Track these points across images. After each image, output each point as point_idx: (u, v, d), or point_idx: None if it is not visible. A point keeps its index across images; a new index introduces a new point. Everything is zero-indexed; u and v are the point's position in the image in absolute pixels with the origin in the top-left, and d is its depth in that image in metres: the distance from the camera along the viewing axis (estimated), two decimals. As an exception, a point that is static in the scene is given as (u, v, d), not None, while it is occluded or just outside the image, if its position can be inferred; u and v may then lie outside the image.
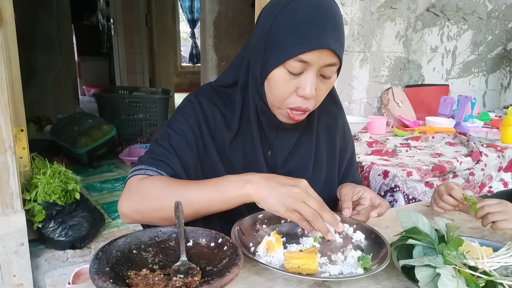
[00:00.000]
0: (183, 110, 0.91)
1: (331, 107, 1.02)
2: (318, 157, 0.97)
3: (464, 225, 0.96)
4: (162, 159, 0.86)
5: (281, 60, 0.77)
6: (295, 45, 0.76)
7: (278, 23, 0.79)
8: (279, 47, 0.78)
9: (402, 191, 1.55)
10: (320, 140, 0.98)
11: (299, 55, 0.75)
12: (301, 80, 0.79)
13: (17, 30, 1.76)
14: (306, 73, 0.78)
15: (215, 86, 0.95)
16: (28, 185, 1.90)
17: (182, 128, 0.89)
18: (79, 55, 7.44)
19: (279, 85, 0.80)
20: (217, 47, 3.67)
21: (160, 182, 0.81)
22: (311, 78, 0.78)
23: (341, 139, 1.03)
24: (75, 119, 3.46)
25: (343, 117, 1.05)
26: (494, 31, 3.22)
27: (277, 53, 0.78)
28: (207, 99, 0.92)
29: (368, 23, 2.42)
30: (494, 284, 0.62)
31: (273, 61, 0.79)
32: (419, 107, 2.64)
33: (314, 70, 0.78)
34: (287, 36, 0.77)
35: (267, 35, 0.80)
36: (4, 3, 1.64)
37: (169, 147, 0.87)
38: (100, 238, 2.12)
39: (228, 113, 0.91)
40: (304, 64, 0.77)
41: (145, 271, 0.64)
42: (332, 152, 1.00)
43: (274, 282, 0.67)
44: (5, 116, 1.60)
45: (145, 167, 0.85)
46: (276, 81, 0.80)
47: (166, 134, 0.89)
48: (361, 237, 0.79)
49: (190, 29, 9.14)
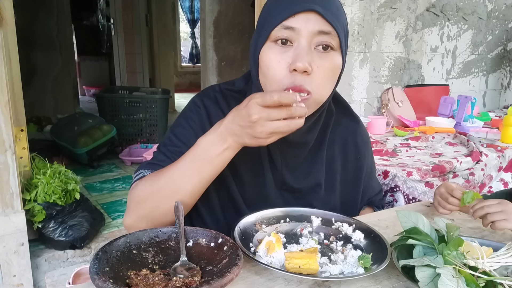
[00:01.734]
0: (188, 114, 0.87)
1: (348, 122, 0.96)
2: (332, 175, 0.92)
3: (464, 225, 0.96)
4: (160, 164, 0.83)
5: (266, 34, 0.73)
6: (279, 13, 0.72)
7: (265, 7, 0.77)
8: (265, 24, 0.74)
9: (402, 191, 1.55)
10: (334, 156, 0.93)
11: (283, 21, 0.71)
12: (292, 53, 0.72)
13: (17, 30, 1.76)
14: (296, 43, 0.72)
15: (224, 89, 0.89)
16: (28, 185, 1.90)
17: (185, 134, 0.85)
18: (79, 55, 7.45)
19: (269, 63, 0.74)
20: (217, 47, 3.67)
21: (148, 181, 0.79)
22: (303, 48, 0.72)
23: (361, 155, 0.98)
24: (75, 119, 3.46)
25: (362, 131, 0.99)
26: (494, 31, 3.22)
27: (263, 30, 0.74)
28: (214, 103, 0.87)
29: (368, 23, 2.42)
30: (494, 284, 0.62)
31: (261, 40, 0.74)
32: (419, 107, 2.64)
33: (305, 39, 0.72)
34: (272, 10, 0.74)
35: (257, 23, 0.78)
36: (4, 3, 1.64)
37: (169, 153, 0.84)
38: (100, 238, 2.12)
39: None
40: (291, 33, 0.72)
41: (145, 271, 0.64)
42: (349, 169, 0.95)
43: (274, 282, 0.67)
44: (5, 116, 1.60)
45: (142, 171, 0.84)
46: (266, 60, 0.74)
47: (168, 140, 0.87)
48: (360, 237, 0.79)
49: (190, 29, 9.14)
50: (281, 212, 0.86)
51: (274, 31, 0.73)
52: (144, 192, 0.78)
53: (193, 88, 8.50)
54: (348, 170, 0.96)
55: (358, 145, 0.97)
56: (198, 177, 0.75)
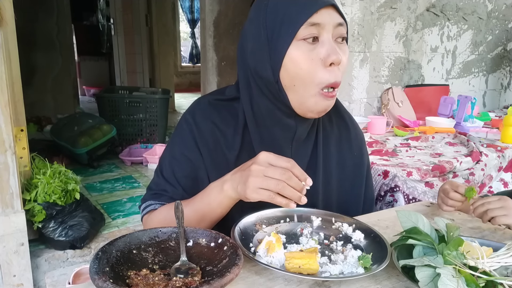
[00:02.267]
0: (181, 132, 0.88)
1: (340, 120, 0.97)
2: (328, 173, 0.92)
3: (464, 225, 0.96)
4: (165, 194, 0.87)
5: (293, 33, 0.73)
6: (301, 12, 0.73)
7: (272, 8, 0.76)
8: (284, 23, 0.74)
9: (402, 191, 1.55)
10: (330, 153, 0.93)
11: (310, 18, 0.72)
12: (321, 48, 0.74)
13: (17, 30, 1.76)
14: (322, 39, 0.74)
15: (213, 100, 0.89)
16: (28, 185, 1.90)
17: (183, 152, 0.86)
18: (79, 55, 7.45)
19: (301, 62, 0.74)
20: (217, 47, 3.67)
21: (161, 215, 0.84)
22: (331, 42, 0.74)
23: (358, 151, 0.97)
24: (75, 119, 3.45)
25: (355, 127, 0.99)
26: (494, 31, 3.22)
27: (285, 30, 0.74)
28: (205, 118, 0.86)
29: (368, 23, 2.42)
30: (494, 284, 0.62)
31: (285, 40, 0.74)
32: (419, 107, 2.64)
33: (329, 33, 0.74)
34: (289, 9, 0.74)
35: (265, 25, 0.76)
36: (4, 3, 1.64)
37: (172, 179, 0.86)
38: (100, 238, 2.12)
39: (229, 130, 0.86)
40: (317, 28, 0.73)
41: (145, 271, 0.64)
42: (346, 166, 0.95)
43: (274, 282, 0.67)
44: (5, 116, 1.60)
45: (151, 202, 0.88)
46: (296, 60, 0.74)
47: (168, 163, 0.88)
48: (360, 237, 0.79)
49: (190, 29, 9.15)
50: (281, 212, 0.86)
51: (300, 29, 0.73)
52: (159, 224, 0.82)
53: (193, 88, 8.50)
54: (346, 167, 0.95)
55: (352, 141, 0.97)
56: (204, 219, 0.80)
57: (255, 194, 0.70)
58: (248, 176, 0.70)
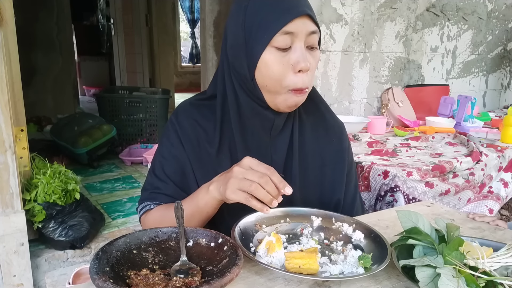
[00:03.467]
0: (167, 133, 0.94)
1: (315, 110, 0.98)
2: (304, 157, 0.94)
3: (465, 225, 0.96)
4: (161, 192, 0.90)
5: (267, 40, 0.78)
6: (277, 19, 0.77)
7: (251, 11, 0.80)
8: (261, 28, 0.78)
9: (402, 191, 1.55)
10: (305, 140, 0.95)
11: (284, 27, 0.76)
12: (292, 55, 0.79)
13: (17, 30, 1.76)
14: (294, 46, 0.79)
15: (194, 100, 0.96)
16: (28, 185, 1.90)
17: (170, 150, 0.92)
18: (79, 55, 7.45)
19: (273, 66, 0.79)
20: (217, 47, 3.67)
21: (156, 214, 0.89)
22: (302, 50, 0.79)
23: (336, 138, 0.99)
24: (75, 119, 3.45)
25: (332, 116, 1.01)
26: (494, 31, 3.22)
27: (261, 35, 0.78)
28: (187, 117, 0.92)
29: (368, 23, 2.42)
30: (494, 284, 0.62)
31: (260, 45, 0.79)
32: (419, 107, 2.64)
33: (301, 41, 0.79)
34: (267, 16, 0.78)
35: (243, 26, 0.80)
36: (4, 3, 1.64)
37: (163, 177, 0.91)
38: (100, 238, 2.12)
39: (210, 126, 0.91)
40: (290, 37, 0.78)
41: (145, 271, 0.64)
42: (325, 154, 0.97)
43: (274, 282, 0.67)
44: (5, 116, 1.60)
45: (147, 203, 0.92)
46: (268, 64, 0.79)
47: (158, 163, 0.93)
48: (360, 237, 0.79)
49: (190, 29, 9.15)
50: (281, 212, 0.86)
51: (275, 36, 0.77)
52: (154, 224, 0.87)
53: (193, 88, 8.50)
54: (324, 154, 0.96)
55: (328, 129, 0.98)
56: (193, 218, 0.83)
57: (233, 195, 0.73)
58: (230, 178, 0.74)
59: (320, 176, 0.96)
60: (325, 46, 2.28)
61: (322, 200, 0.95)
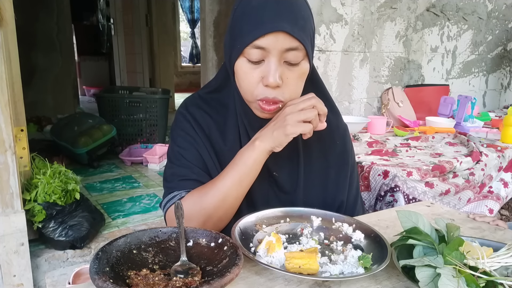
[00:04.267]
0: (179, 124, 0.93)
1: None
2: (309, 158, 0.93)
3: (465, 225, 0.96)
4: (188, 178, 0.87)
5: (239, 50, 0.77)
6: (249, 32, 0.75)
7: (236, 15, 0.79)
8: (237, 37, 0.78)
9: (402, 191, 1.55)
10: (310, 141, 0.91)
11: (254, 41, 0.75)
12: (264, 68, 0.77)
13: (17, 30, 1.76)
14: (267, 60, 0.77)
15: (202, 94, 0.95)
16: (28, 185, 1.90)
17: (186, 139, 0.90)
18: (79, 55, 7.45)
19: (243, 76, 0.79)
20: (217, 47, 3.67)
21: (193, 198, 0.83)
22: (273, 65, 0.76)
23: (340, 140, 0.98)
24: (75, 119, 3.45)
25: (337, 119, 0.99)
26: (494, 31, 3.22)
27: (236, 44, 0.78)
28: (197, 108, 0.93)
29: (368, 23, 2.42)
30: (495, 284, 0.62)
31: (234, 53, 0.79)
32: (419, 107, 2.64)
33: (275, 57, 0.76)
34: (243, 25, 0.77)
35: (229, 29, 0.81)
36: (4, 3, 1.64)
37: (186, 163, 0.89)
38: (100, 238, 2.12)
39: (220, 118, 0.91)
40: (262, 51, 0.76)
41: (145, 271, 0.64)
42: (330, 156, 0.96)
43: (274, 282, 0.67)
44: (5, 116, 1.60)
45: (176, 192, 0.87)
46: (240, 73, 0.80)
47: (177, 153, 0.90)
48: (360, 237, 0.79)
49: (190, 29, 9.15)
50: (281, 212, 0.86)
51: (246, 49, 0.76)
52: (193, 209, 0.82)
53: (193, 88, 8.50)
54: (329, 156, 0.95)
55: (333, 130, 0.97)
56: (241, 183, 0.83)
57: (296, 128, 0.77)
58: (285, 116, 0.77)
59: (324, 177, 0.95)
60: (325, 46, 2.28)
61: (325, 201, 0.94)
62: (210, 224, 0.82)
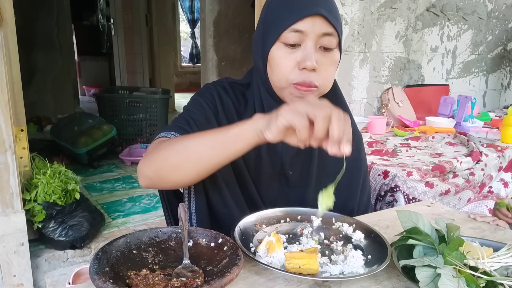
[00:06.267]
0: (202, 93, 0.94)
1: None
2: (323, 161, 0.94)
3: (465, 225, 0.96)
4: (184, 127, 0.86)
5: (276, 35, 0.80)
6: (288, 17, 0.79)
7: (272, 8, 0.83)
8: (274, 24, 0.81)
9: (402, 191, 1.55)
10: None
11: (293, 25, 0.78)
12: (300, 52, 0.80)
13: (17, 30, 1.76)
14: (304, 45, 0.80)
15: (231, 82, 0.98)
16: (28, 185, 1.90)
17: (201, 105, 0.91)
18: (79, 55, 7.45)
19: (279, 61, 0.81)
20: (217, 47, 3.67)
21: (177, 139, 0.79)
22: (310, 49, 0.79)
23: (354, 146, 0.94)
24: (75, 119, 3.45)
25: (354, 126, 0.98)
26: (494, 31, 3.22)
27: (273, 31, 0.81)
28: (223, 89, 0.95)
29: (368, 23, 2.42)
30: (495, 284, 0.62)
31: (270, 39, 0.82)
32: (419, 107, 2.64)
33: (312, 41, 0.79)
34: (280, 13, 0.81)
35: (263, 21, 0.84)
36: (4, 3, 1.64)
37: (190, 119, 0.88)
38: (100, 238, 2.12)
39: (240, 107, 0.93)
40: (299, 35, 0.79)
41: (145, 271, 0.64)
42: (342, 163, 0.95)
43: (275, 282, 0.67)
44: (5, 116, 1.60)
45: (167, 133, 0.85)
46: (276, 59, 0.82)
47: (187, 110, 0.92)
48: (360, 237, 0.79)
49: (190, 29, 9.15)
50: (281, 212, 0.86)
51: (284, 33, 0.79)
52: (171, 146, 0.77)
53: (193, 88, 8.49)
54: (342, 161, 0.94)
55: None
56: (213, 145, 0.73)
57: (290, 114, 0.62)
58: (295, 103, 0.64)
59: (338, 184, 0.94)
60: (325, 46, 2.27)
61: (336, 205, 0.92)
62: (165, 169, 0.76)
